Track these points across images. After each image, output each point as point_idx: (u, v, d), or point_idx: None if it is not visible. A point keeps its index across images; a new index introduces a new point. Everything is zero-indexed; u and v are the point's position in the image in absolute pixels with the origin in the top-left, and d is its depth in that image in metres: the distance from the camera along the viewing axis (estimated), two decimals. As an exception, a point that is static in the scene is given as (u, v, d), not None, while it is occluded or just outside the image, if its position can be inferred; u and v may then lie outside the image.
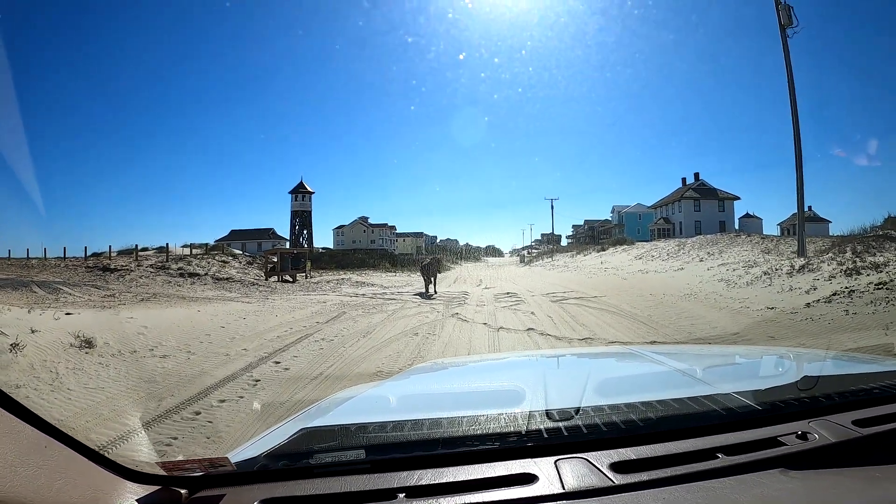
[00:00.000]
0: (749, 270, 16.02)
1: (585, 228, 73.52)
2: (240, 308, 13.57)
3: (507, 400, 1.64)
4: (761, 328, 8.80)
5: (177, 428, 4.37)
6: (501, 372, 2.49)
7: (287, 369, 6.55)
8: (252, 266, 30.38)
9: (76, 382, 5.72)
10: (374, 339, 8.71)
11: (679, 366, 2.03)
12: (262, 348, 7.90)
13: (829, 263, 13.70)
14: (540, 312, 11.75)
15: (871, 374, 1.67)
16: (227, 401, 5.14)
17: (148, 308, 13.79)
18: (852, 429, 1.20)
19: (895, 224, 20.59)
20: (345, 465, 1.13)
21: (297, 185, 58.73)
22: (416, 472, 1.08)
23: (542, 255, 55.65)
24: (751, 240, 26.99)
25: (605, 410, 1.29)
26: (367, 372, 6.38)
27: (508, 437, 1.20)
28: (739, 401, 1.33)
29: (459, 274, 34.37)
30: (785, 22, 19.83)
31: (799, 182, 19.67)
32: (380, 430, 1.25)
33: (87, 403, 5.03)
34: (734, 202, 51.07)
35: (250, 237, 58.60)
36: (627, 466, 1.08)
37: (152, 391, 5.53)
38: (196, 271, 25.44)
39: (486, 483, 1.05)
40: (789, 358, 2.21)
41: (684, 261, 24.62)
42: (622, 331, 9.05)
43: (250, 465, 1.15)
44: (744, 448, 1.14)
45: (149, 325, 9.76)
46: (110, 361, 6.68)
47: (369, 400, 1.88)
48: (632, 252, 33.99)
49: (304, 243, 55.01)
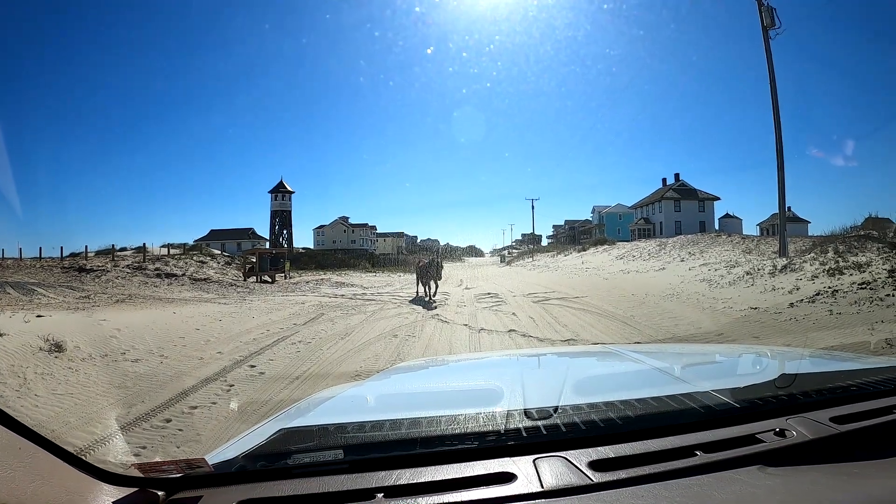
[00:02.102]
0: (731, 270, 16.15)
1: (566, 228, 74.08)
2: (216, 310, 13.37)
3: (486, 399, 1.64)
4: (745, 328, 8.84)
5: (146, 436, 4.26)
6: (481, 371, 2.50)
7: (262, 373, 6.44)
8: (231, 266, 30.08)
9: (44, 388, 5.57)
10: (352, 341, 8.62)
11: (658, 364, 2.04)
12: (238, 351, 7.77)
13: (811, 263, 13.82)
14: (521, 313, 11.74)
15: (850, 372, 1.69)
16: (199, 407, 5.04)
17: (122, 310, 13.53)
18: (830, 426, 1.20)
19: (875, 224, 20.92)
20: (323, 465, 1.12)
21: (276, 185, 58.37)
22: (395, 472, 1.07)
23: (523, 255, 55.89)
24: (732, 240, 27.36)
25: (583, 409, 1.29)
26: (345, 374, 6.31)
27: (487, 436, 1.19)
28: (718, 399, 1.33)
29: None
30: (767, 23, 20.01)
31: (780, 182, 19.95)
32: (358, 430, 1.25)
33: (54, 410, 4.89)
34: (714, 202, 51.90)
35: (230, 237, 58.00)
36: (606, 465, 1.08)
37: (122, 397, 5.40)
38: (173, 272, 25.09)
39: (465, 482, 1.05)
40: (768, 356, 2.24)
41: (665, 261, 24.85)
42: (604, 331, 9.07)
43: (228, 466, 1.14)
44: (722, 445, 1.14)
45: (122, 327, 9.57)
46: (80, 366, 6.51)
47: (348, 400, 1.87)
48: (613, 252, 34.27)
49: (284, 243, 54.62)
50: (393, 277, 29.18)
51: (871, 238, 16.42)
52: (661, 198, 51.36)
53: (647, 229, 52.14)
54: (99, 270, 25.17)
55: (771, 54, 20.26)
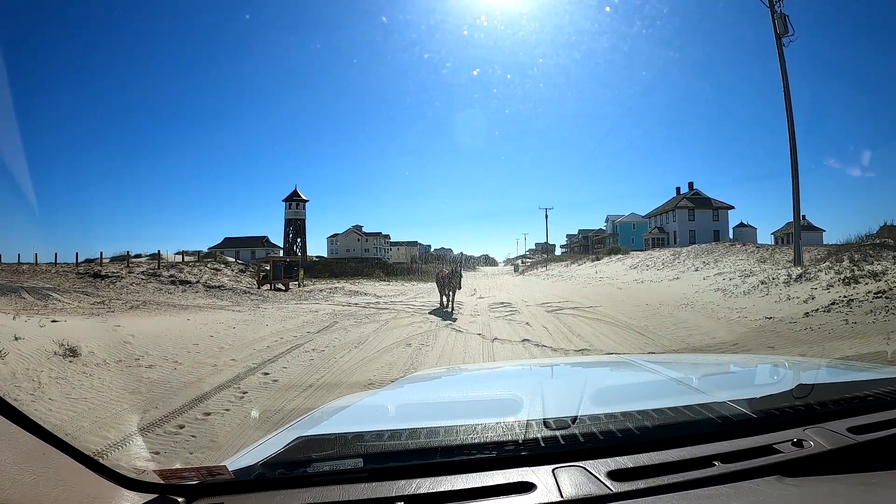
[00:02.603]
0: (745, 280, 16.01)
1: (580, 238, 73.81)
2: (230, 317, 13.40)
3: (503, 409, 1.65)
4: (760, 338, 8.72)
5: (160, 442, 4.23)
6: (497, 381, 2.49)
7: (276, 381, 6.41)
8: (244, 274, 30.19)
9: (58, 392, 5.56)
10: (366, 350, 8.58)
11: (674, 374, 2.04)
12: (251, 359, 7.75)
13: (826, 272, 13.66)
14: (535, 323, 11.67)
15: (867, 382, 1.68)
16: (212, 413, 5.01)
17: (137, 316, 13.61)
18: (847, 436, 1.20)
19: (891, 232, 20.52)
20: (342, 473, 1.12)
21: (291, 193, 58.76)
22: (415, 481, 1.07)
23: (537, 264, 55.79)
24: (746, 249, 27.06)
25: (601, 419, 1.29)
26: (359, 383, 6.26)
27: (506, 445, 1.19)
28: (735, 409, 1.33)
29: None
30: (781, 31, 19.95)
31: (795, 191, 19.77)
32: (377, 438, 1.26)
33: (68, 414, 4.89)
34: (728, 211, 51.37)
35: (244, 245, 58.42)
36: (625, 474, 1.08)
37: (136, 402, 5.39)
38: (188, 279, 25.26)
39: (484, 491, 1.05)
40: (784, 366, 2.24)
41: (679, 270, 24.67)
42: (619, 341, 8.98)
43: (247, 473, 1.14)
44: (740, 456, 1.15)
45: (136, 333, 9.58)
46: (94, 371, 6.51)
47: (365, 408, 1.87)
48: (626, 262, 34.09)
49: (298, 251, 54.91)
50: (406, 286, 29.13)
51: (886, 246, 16.17)
52: (675, 207, 50.96)
53: (661, 238, 51.78)
54: (114, 276, 25.40)
55: (784, 62, 20.19)
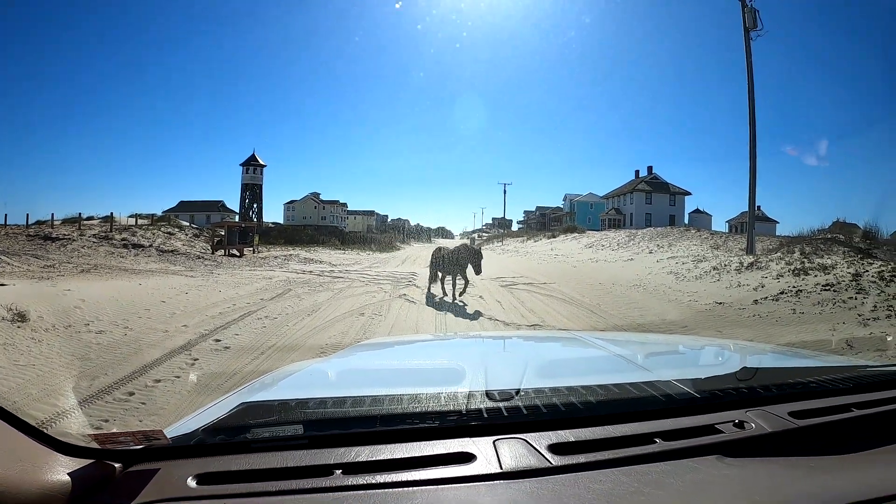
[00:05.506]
0: (698, 265, 16.30)
1: (537, 214, 74.15)
2: (183, 282, 13.29)
3: (449, 379, 1.66)
4: (709, 321, 9.01)
5: (109, 409, 4.34)
6: (445, 351, 2.53)
7: (227, 347, 6.54)
8: (199, 239, 29.56)
9: (6, 359, 5.55)
10: (319, 318, 8.75)
11: (621, 352, 2.08)
12: (203, 325, 7.83)
13: (777, 262, 13.97)
14: (489, 297, 11.86)
15: (810, 368, 1.74)
16: (162, 380, 5.12)
17: (88, 280, 13.33)
18: (789, 420, 1.23)
19: (843, 229, 21.36)
20: (283, 440, 1.12)
21: (248, 158, 57.00)
22: (354, 449, 1.08)
23: (493, 239, 55.82)
24: (700, 235, 27.51)
25: (545, 392, 1.29)
26: (311, 349, 6.43)
27: (448, 415, 1.20)
28: (679, 388, 1.34)
29: (409, 254, 34.47)
30: (750, 25, 19.93)
31: (752, 180, 20.11)
32: (319, 405, 1.25)
33: (16, 382, 4.91)
34: (685, 197, 52.41)
35: (199, 209, 56.62)
36: (565, 448, 1.09)
37: (86, 369, 5.44)
38: (140, 242, 24.61)
39: (424, 461, 1.05)
40: (730, 349, 2.30)
41: (634, 252, 24.99)
42: (571, 318, 9.21)
43: (187, 439, 1.13)
44: (681, 434, 1.16)
45: (87, 298, 9.46)
46: (44, 336, 6.50)
47: (312, 375, 1.86)
48: (582, 240, 34.44)
49: (254, 217, 53.63)
50: (362, 256, 29.22)
51: (837, 241, 16.64)
52: (633, 189, 51.76)
53: (618, 220, 52.59)
54: (65, 239, 24.50)
55: (751, 55, 20.18)
